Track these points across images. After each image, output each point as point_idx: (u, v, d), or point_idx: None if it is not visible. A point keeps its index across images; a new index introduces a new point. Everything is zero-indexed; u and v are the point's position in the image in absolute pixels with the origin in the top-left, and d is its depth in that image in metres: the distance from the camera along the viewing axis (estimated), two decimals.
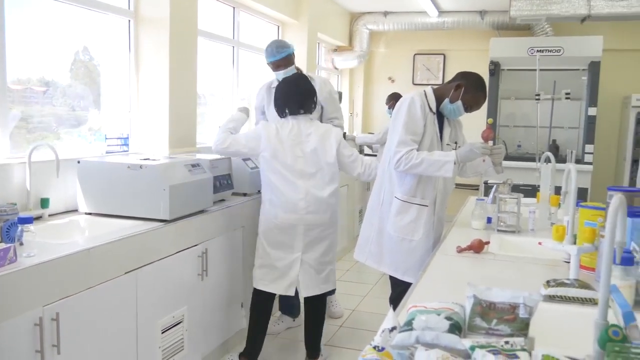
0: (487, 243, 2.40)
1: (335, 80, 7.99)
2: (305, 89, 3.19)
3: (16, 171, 2.66)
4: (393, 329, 1.21)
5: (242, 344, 3.51)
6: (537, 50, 6.09)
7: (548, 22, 6.40)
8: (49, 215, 2.77)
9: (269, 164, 3.08)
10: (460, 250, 2.37)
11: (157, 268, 2.61)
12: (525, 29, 6.92)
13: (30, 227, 2.13)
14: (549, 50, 6.15)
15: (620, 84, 6.96)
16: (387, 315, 1.26)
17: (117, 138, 3.45)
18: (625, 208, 1.20)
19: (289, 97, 3.14)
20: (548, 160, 3.13)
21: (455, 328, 1.21)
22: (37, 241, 2.15)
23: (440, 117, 2.82)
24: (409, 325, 1.22)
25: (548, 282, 1.77)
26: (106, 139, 3.37)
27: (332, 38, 7.17)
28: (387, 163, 2.82)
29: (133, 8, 3.57)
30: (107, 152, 3.35)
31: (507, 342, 1.12)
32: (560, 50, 6.14)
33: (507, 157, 4.89)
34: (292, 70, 3.55)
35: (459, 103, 2.74)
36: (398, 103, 2.80)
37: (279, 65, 3.55)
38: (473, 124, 3.86)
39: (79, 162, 2.85)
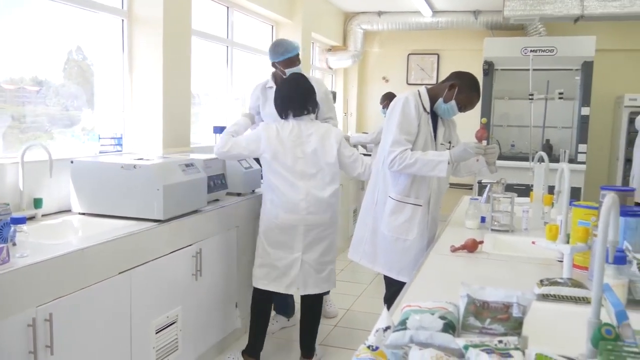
0: (481, 242, 2.41)
1: (330, 80, 7.99)
2: (307, 89, 3.18)
3: (9, 171, 2.65)
4: (387, 328, 1.21)
5: (237, 344, 3.52)
6: (531, 50, 6.11)
7: (541, 22, 6.42)
8: (42, 215, 2.76)
9: (270, 165, 3.08)
10: (454, 250, 2.38)
11: (151, 268, 2.60)
12: (518, 29, 6.94)
13: (23, 227, 2.12)
14: (542, 50, 6.17)
15: (613, 83, 7.00)
16: (381, 315, 1.26)
17: (110, 138, 3.44)
18: (618, 207, 1.21)
19: (291, 99, 3.13)
20: (541, 159, 3.14)
21: (449, 327, 1.22)
22: (30, 241, 2.14)
23: (434, 116, 2.83)
24: (403, 325, 1.22)
25: (541, 281, 1.78)
26: (100, 138, 3.36)
27: (326, 38, 7.17)
28: (381, 163, 2.82)
29: (127, 7, 3.56)
30: (100, 152, 3.34)
31: (500, 341, 1.13)
32: (553, 50, 6.16)
33: (501, 157, 4.89)
34: (300, 69, 3.54)
35: (453, 103, 2.75)
36: (392, 103, 2.80)
37: (294, 61, 3.49)
38: (467, 124, 3.88)
39: (72, 162, 2.84)
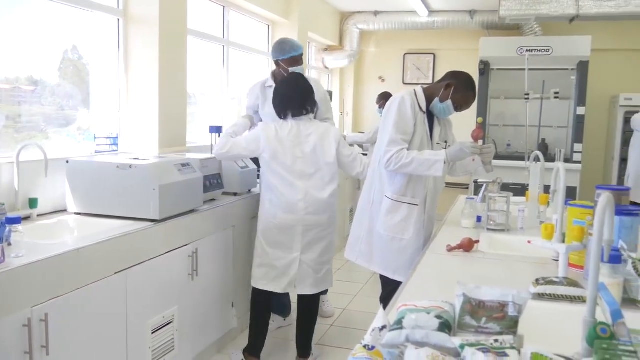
0: (477, 242, 2.41)
1: (326, 80, 7.99)
2: (305, 89, 3.17)
3: (4, 171, 2.64)
4: (383, 327, 1.22)
5: (234, 343, 3.52)
6: (527, 50, 6.12)
7: (537, 22, 6.43)
8: (38, 215, 2.75)
9: (269, 165, 3.08)
10: (450, 249, 2.38)
11: (147, 268, 2.60)
12: (514, 28, 6.96)
13: (19, 227, 2.12)
14: (538, 50, 6.18)
15: (609, 83, 7.01)
16: (377, 314, 1.26)
17: (106, 138, 3.44)
18: (613, 206, 1.21)
19: (290, 99, 3.12)
20: (537, 159, 3.15)
21: (445, 327, 1.22)
22: (26, 241, 2.13)
23: (431, 116, 2.83)
24: (399, 324, 1.22)
25: (537, 280, 1.78)
26: (95, 138, 3.36)
27: (322, 37, 7.17)
28: (377, 162, 2.82)
29: (122, 7, 3.55)
30: (96, 152, 3.34)
31: (496, 340, 1.13)
32: (549, 50, 6.18)
33: (497, 156, 4.89)
34: (302, 69, 3.54)
35: (449, 102, 2.75)
36: (388, 102, 2.81)
37: (299, 60, 3.50)
38: (463, 124, 3.88)
39: (67, 161, 2.83)
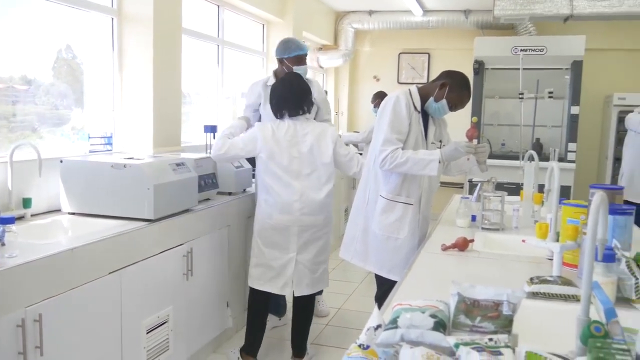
0: (472, 241, 2.42)
1: (321, 79, 7.99)
2: (302, 89, 3.17)
3: None
4: (378, 327, 1.22)
5: (229, 343, 3.52)
6: (521, 50, 6.14)
7: (531, 21, 6.45)
8: (32, 215, 2.74)
9: (266, 165, 3.08)
10: (445, 249, 2.38)
11: (141, 268, 2.59)
12: (509, 28, 6.97)
13: (12, 227, 2.11)
14: (532, 50, 6.20)
15: (602, 83, 7.04)
16: (372, 314, 1.26)
17: (100, 137, 3.42)
18: (607, 205, 1.22)
19: (286, 99, 3.12)
20: (531, 158, 3.15)
21: (440, 326, 1.22)
22: (20, 241, 2.13)
23: (425, 115, 2.83)
24: (394, 323, 1.23)
25: (531, 279, 1.78)
26: (89, 138, 3.34)
27: (317, 37, 7.16)
28: (372, 162, 2.82)
29: (116, 6, 3.54)
30: (90, 151, 3.32)
31: (490, 339, 1.13)
32: (543, 49, 6.20)
33: (491, 156, 4.89)
34: (306, 69, 3.54)
35: (444, 102, 2.75)
36: (383, 102, 2.81)
37: (303, 59, 3.51)
38: (458, 123, 3.89)
39: (61, 161, 2.82)
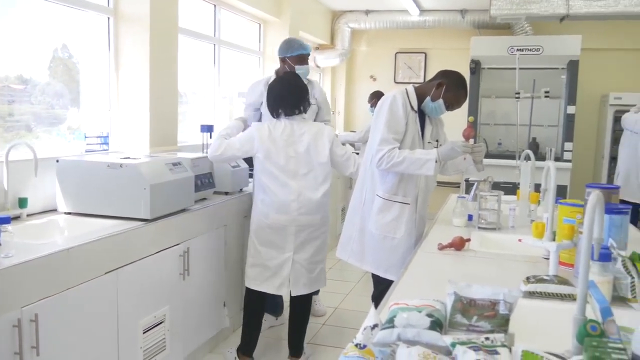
0: (468, 240, 2.42)
1: (318, 79, 7.99)
2: (299, 89, 3.16)
3: None
4: (375, 326, 1.22)
5: (226, 343, 3.51)
6: (517, 49, 6.15)
7: (528, 21, 6.46)
8: (28, 215, 2.73)
9: (262, 165, 3.07)
10: (442, 248, 2.39)
11: (138, 268, 2.59)
12: (505, 28, 6.98)
13: (8, 227, 2.10)
14: (528, 49, 6.21)
15: (599, 82, 7.06)
16: (369, 313, 1.26)
17: (96, 137, 3.42)
18: (603, 205, 1.22)
19: (282, 98, 3.11)
20: (528, 158, 3.16)
21: (436, 325, 1.22)
22: (16, 241, 2.12)
23: (422, 115, 2.83)
24: (390, 323, 1.23)
25: (528, 278, 1.79)
26: (86, 137, 3.34)
27: (313, 36, 7.16)
28: (369, 161, 2.82)
29: (113, 5, 3.53)
30: (86, 151, 3.31)
31: (487, 338, 1.13)
32: (539, 49, 6.21)
33: (488, 155, 4.93)
34: (308, 69, 3.55)
35: (441, 101, 2.75)
36: (380, 101, 2.81)
37: (306, 59, 3.52)
38: (454, 123, 3.89)
39: (57, 161, 2.81)
